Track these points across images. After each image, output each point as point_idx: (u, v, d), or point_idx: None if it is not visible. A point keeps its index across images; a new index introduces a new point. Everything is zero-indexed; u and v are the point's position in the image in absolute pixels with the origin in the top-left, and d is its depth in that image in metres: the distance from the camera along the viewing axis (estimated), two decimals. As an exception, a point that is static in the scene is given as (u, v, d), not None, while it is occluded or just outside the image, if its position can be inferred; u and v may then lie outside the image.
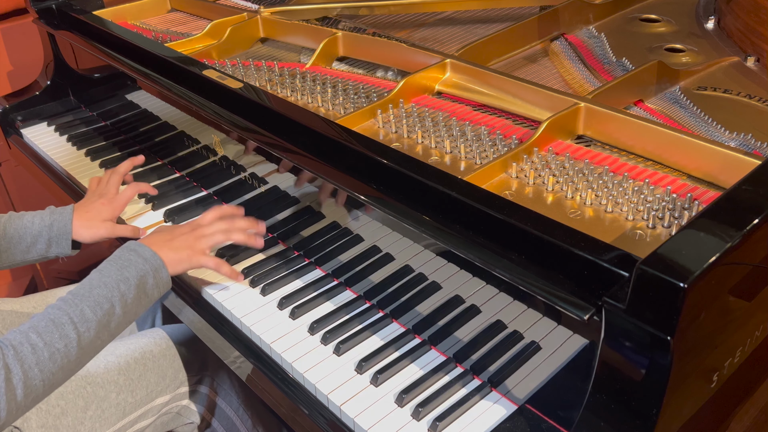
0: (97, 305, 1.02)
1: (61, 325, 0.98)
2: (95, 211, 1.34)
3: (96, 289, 1.04)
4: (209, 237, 1.19)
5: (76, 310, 1.01)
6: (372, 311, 1.15)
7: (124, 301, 1.05)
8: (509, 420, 0.95)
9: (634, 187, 1.02)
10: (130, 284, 1.07)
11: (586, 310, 0.82)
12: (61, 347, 0.97)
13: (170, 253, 1.14)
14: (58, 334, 0.98)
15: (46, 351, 0.96)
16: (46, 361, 0.96)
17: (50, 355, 0.96)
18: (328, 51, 1.51)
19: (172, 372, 1.32)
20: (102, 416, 1.21)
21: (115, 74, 1.70)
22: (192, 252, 1.16)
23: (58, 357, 0.97)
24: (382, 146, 1.10)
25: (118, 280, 1.06)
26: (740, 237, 0.77)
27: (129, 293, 1.06)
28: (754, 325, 0.92)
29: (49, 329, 0.98)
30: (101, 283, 1.05)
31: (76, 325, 0.99)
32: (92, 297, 1.03)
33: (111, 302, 1.04)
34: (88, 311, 1.01)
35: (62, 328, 0.98)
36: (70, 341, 0.98)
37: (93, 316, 1.01)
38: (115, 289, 1.05)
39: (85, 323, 1.00)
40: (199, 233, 1.19)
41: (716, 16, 1.49)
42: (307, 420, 1.05)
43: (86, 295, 1.03)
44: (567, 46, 1.44)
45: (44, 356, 0.95)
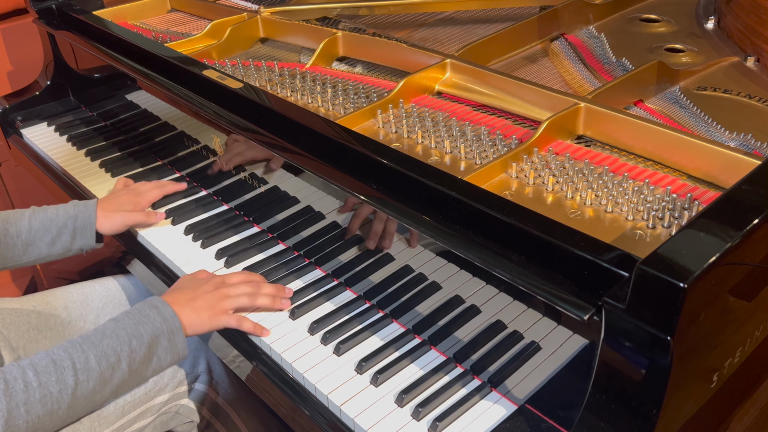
0: (103, 356, 0.99)
1: (61, 368, 0.95)
2: (118, 203, 1.37)
3: (107, 339, 1.00)
4: (234, 299, 1.14)
5: (81, 357, 0.97)
6: (372, 311, 1.15)
7: (132, 358, 1.01)
8: (509, 420, 0.95)
9: (634, 187, 1.02)
10: (143, 341, 1.03)
11: (586, 310, 0.82)
12: (55, 392, 0.94)
13: (192, 315, 1.10)
14: (55, 378, 0.94)
15: (38, 392, 0.92)
16: (35, 402, 0.92)
17: (41, 397, 0.93)
18: (328, 51, 1.51)
19: (171, 371, 1.31)
20: (101, 415, 1.21)
21: (115, 74, 1.70)
22: (214, 313, 1.12)
23: (48, 401, 0.93)
24: (382, 146, 1.10)
25: (132, 335, 1.02)
26: (740, 237, 0.77)
27: (140, 351, 1.02)
28: (754, 325, 0.92)
29: (48, 370, 0.94)
30: (114, 334, 1.01)
31: (77, 371, 0.96)
32: (101, 346, 0.99)
33: (118, 356, 1.00)
34: (93, 360, 0.98)
35: (61, 372, 0.95)
36: (66, 387, 0.95)
37: (97, 366, 0.98)
38: (126, 343, 1.01)
39: (86, 372, 0.97)
40: (223, 293, 1.14)
41: (716, 16, 1.49)
42: (307, 420, 1.05)
43: (95, 343, 1.00)
44: (567, 46, 1.44)
45: (35, 398, 0.92)
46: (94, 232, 1.33)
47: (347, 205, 1.17)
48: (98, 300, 1.44)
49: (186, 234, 1.38)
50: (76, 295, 1.43)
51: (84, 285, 1.47)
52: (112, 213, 1.35)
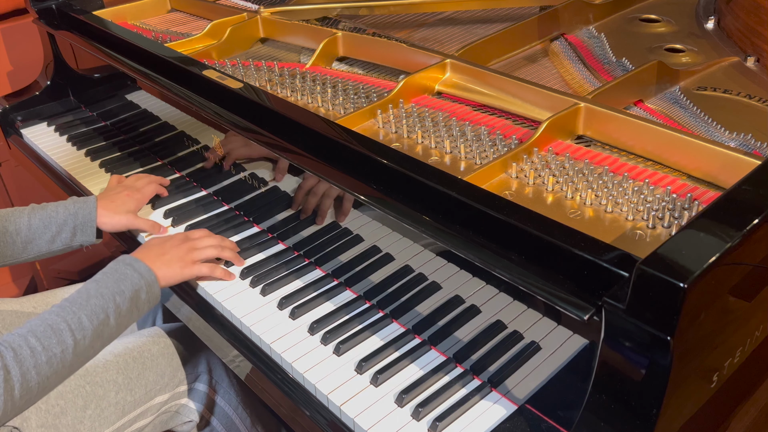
0: (94, 314, 1.05)
1: (59, 331, 1.01)
2: (120, 201, 1.39)
3: (93, 299, 1.06)
4: (201, 251, 1.23)
5: (74, 318, 1.03)
6: (372, 311, 1.15)
7: (118, 312, 1.08)
8: (509, 420, 0.95)
9: (634, 187, 1.02)
10: (125, 297, 1.09)
11: (586, 310, 0.82)
12: (58, 352, 1.00)
13: (163, 268, 1.17)
14: (56, 339, 1.00)
15: (44, 355, 0.98)
16: (43, 364, 0.98)
17: (47, 359, 0.98)
18: (328, 51, 1.51)
19: (171, 371, 1.32)
20: (101, 415, 1.21)
21: (115, 74, 1.70)
22: (184, 264, 1.20)
23: (54, 361, 0.99)
24: (382, 146, 1.10)
25: (114, 292, 1.09)
26: (740, 237, 0.77)
27: (123, 305, 1.09)
28: (754, 325, 0.92)
29: (48, 334, 1.00)
30: (98, 294, 1.07)
31: (73, 332, 1.02)
32: (89, 306, 1.05)
33: (106, 313, 1.06)
34: (85, 319, 1.04)
35: (60, 334, 1.01)
36: (67, 347, 1.01)
37: (89, 324, 1.04)
38: (111, 300, 1.07)
39: (81, 331, 1.03)
40: (190, 245, 1.23)
41: (716, 17, 1.49)
42: (306, 420, 1.05)
43: (83, 303, 1.05)
44: (567, 46, 1.44)
45: (42, 360, 0.98)
46: (95, 228, 1.34)
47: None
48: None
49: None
50: (76, 295, 1.44)
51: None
52: (115, 212, 1.36)
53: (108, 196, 1.39)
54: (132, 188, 1.42)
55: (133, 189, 1.42)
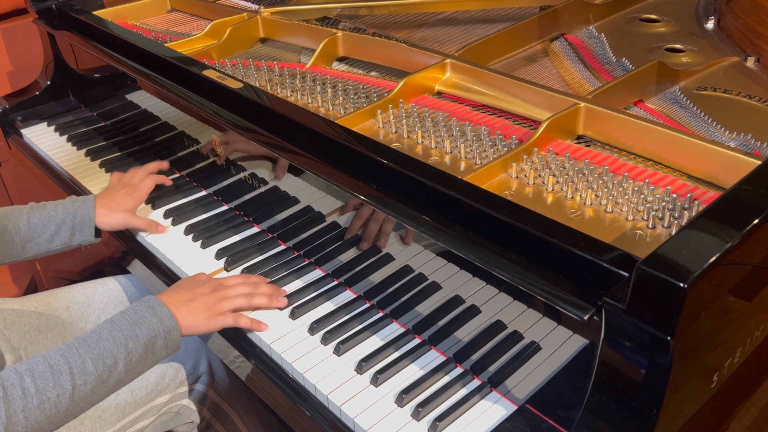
0: (100, 359, 0.99)
1: (58, 373, 0.95)
2: (118, 200, 1.37)
3: (103, 342, 1.00)
4: (231, 300, 1.14)
5: (78, 361, 0.97)
6: (372, 311, 1.15)
7: (129, 359, 1.02)
8: (509, 420, 0.95)
9: (634, 187, 1.02)
10: (139, 343, 1.03)
11: (586, 310, 0.82)
12: (53, 397, 0.94)
13: (188, 316, 1.10)
14: (52, 383, 0.94)
15: (36, 398, 0.92)
16: (33, 408, 0.92)
17: (39, 403, 0.93)
18: (328, 51, 1.51)
19: (172, 372, 1.32)
20: (102, 416, 1.21)
21: (115, 74, 1.70)
22: (210, 314, 1.12)
23: (46, 406, 0.93)
24: (382, 146, 1.10)
25: (128, 336, 1.02)
26: (740, 237, 0.77)
27: (136, 352, 1.02)
28: (754, 325, 0.92)
29: (45, 375, 0.94)
30: (110, 336, 1.01)
31: (74, 376, 0.96)
32: (97, 349, 0.99)
33: (115, 358, 1.00)
34: (90, 364, 0.98)
35: (59, 377, 0.95)
36: (64, 392, 0.95)
37: (93, 369, 0.98)
38: (123, 345, 1.01)
39: (83, 376, 0.97)
40: (221, 295, 1.14)
41: (716, 16, 1.49)
42: (307, 420, 1.05)
43: (92, 345, 0.99)
44: (567, 46, 1.44)
45: (33, 404, 0.92)
46: (93, 227, 1.34)
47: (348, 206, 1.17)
48: (99, 301, 1.44)
49: (186, 234, 1.38)
50: (77, 296, 1.44)
51: (85, 285, 1.47)
52: (113, 211, 1.36)
53: (107, 195, 1.39)
54: (130, 186, 1.41)
55: (130, 187, 1.41)
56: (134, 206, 1.39)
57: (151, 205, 1.47)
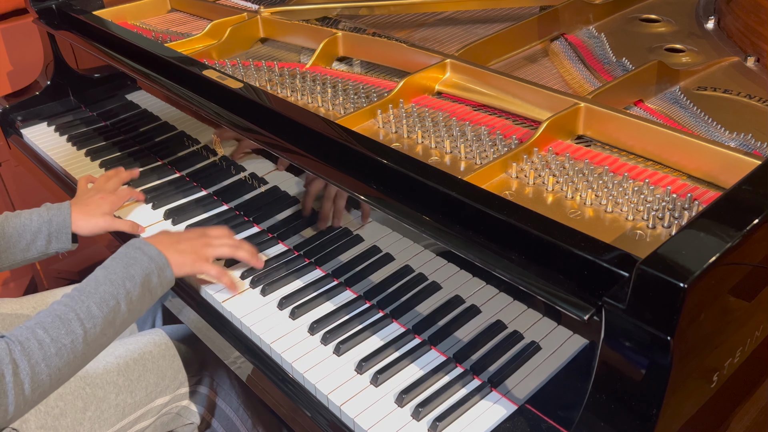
0: (103, 302, 1.03)
1: (67, 321, 0.99)
2: (94, 204, 1.37)
3: (102, 286, 1.04)
4: (216, 247, 1.20)
5: (83, 307, 1.01)
6: (372, 311, 1.15)
7: (129, 298, 1.06)
8: (509, 420, 0.95)
9: (634, 187, 1.02)
10: (136, 282, 1.07)
11: (586, 310, 0.82)
12: (68, 343, 0.98)
13: (175, 255, 1.14)
14: (64, 330, 0.98)
15: (53, 346, 0.96)
16: (52, 356, 0.96)
17: (57, 350, 0.97)
18: (328, 51, 1.51)
19: (172, 372, 1.31)
20: (101, 417, 1.21)
21: (115, 74, 1.70)
22: (197, 257, 1.17)
23: (64, 352, 0.97)
24: (382, 146, 1.10)
25: (124, 277, 1.06)
26: (740, 237, 0.77)
27: (134, 291, 1.07)
28: (754, 325, 0.92)
29: (56, 325, 0.98)
30: (107, 281, 1.05)
31: (82, 321, 1.00)
32: (98, 294, 1.03)
33: (117, 299, 1.04)
34: (95, 308, 1.02)
35: (69, 324, 0.99)
36: (77, 337, 0.99)
37: (99, 312, 1.02)
38: (121, 286, 1.05)
39: (91, 320, 1.01)
40: (206, 241, 1.20)
41: (716, 16, 1.49)
42: (307, 420, 1.05)
43: (92, 291, 1.04)
44: (567, 46, 1.44)
45: (51, 351, 0.96)
46: (70, 234, 1.33)
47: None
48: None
49: (186, 234, 1.38)
50: (76, 296, 1.43)
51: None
52: (91, 215, 1.35)
53: (81, 201, 1.38)
54: (104, 191, 1.41)
55: (105, 191, 1.41)
56: (111, 210, 1.39)
57: (152, 206, 1.47)
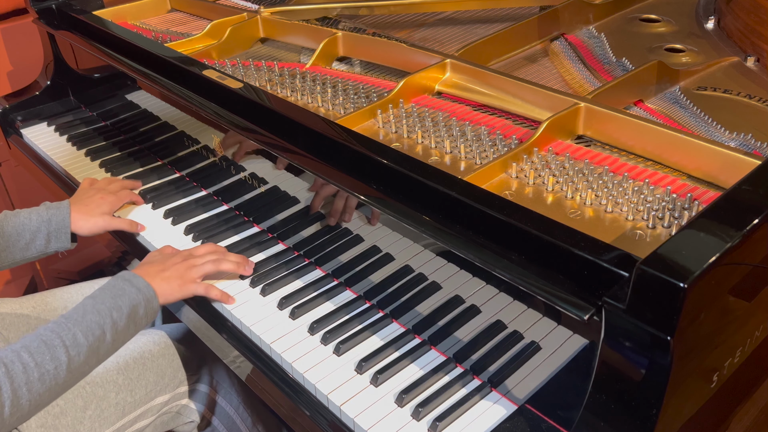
0: (89, 331, 1.03)
1: (53, 347, 0.99)
2: (94, 204, 1.37)
3: (89, 315, 1.04)
4: (200, 267, 1.20)
5: (69, 334, 1.01)
6: (372, 311, 1.15)
7: (115, 329, 1.06)
8: (509, 420, 0.95)
9: (634, 187, 1.02)
10: (122, 313, 1.07)
11: (586, 310, 0.82)
12: (51, 369, 0.97)
13: (162, 284, 1.15)
14: (49, 356, 0.98)
15: (36, 372, 0.96)
16: (35, 381, 0.95)
17: (40, 375, 0.96)
18: (328, 51, 1.51)
19: (172, 371, 1.32)
20: (101, 416, 1.21)
21: (115, 74, 1.70)
22: (183, 282, 1.18)
23: (47, 378, 0.97)
24: (382, 146, 1.10)
25: (111, 308, 1.07)
26: (740, 237, 0.77)
27: (120, 322, 1.07)
28: (754, 325, 0.92)
29: (41, 350, 0.98)
30: (94, 310, 1.05)
31: (67, 348, 1.00)
32: (85, 322, 1.03)
33: (102, 329, 1.04)
34: (80, 336, 1.02)
35: (54, 351, 0.98)
36: (60, 364, 0.98)
37: (84, 341, 1.02)
38: (108, 316, 1.06)
39: (76, 347, 1.01)
40: (190, 263, 1.20)
41: (716, 16, 1.49)
42: (307, 420, 1.05)
43: (79, 320, 1.03)
44: (567, 46, 1.44)
45: (34, 377, 0.95)
46: (69, 234, 1.34)
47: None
48: (98, 300, 1.44)
49: (186, 234, 1.38)
50: (75, 296, 1.43)
51: (84, 286, 1.47)
52: (90, 215, 1.36)
53: (81, 200, 1.38)
54: (105, 191, 1.42)
55: (106, 192, 1.41)
56: (110, 210, 1.39)
57: (152, 205, 1.48)
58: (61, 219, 1.32)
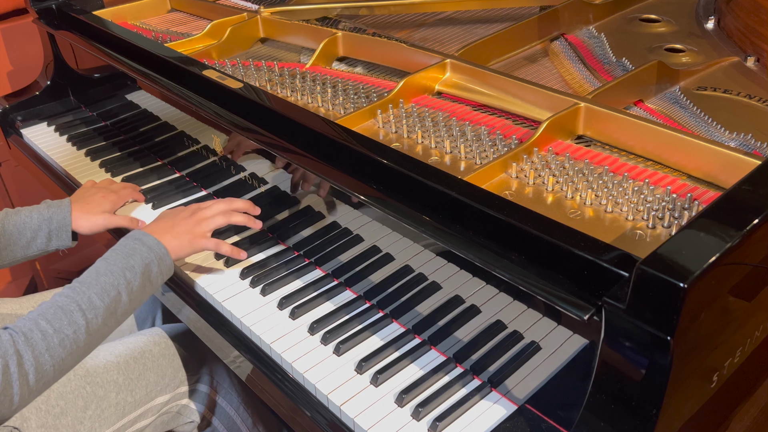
0: (104, 292, 1.04)
1: (69, 312, 1.00)
2: (95, 203, 1.38)
3: (103, 277, 1.05)
4: (210, 220, 1.22)
5: (84, 297, 1.02)
6: (372, 311, 1.15)
7: (130, 288, 1.07)
8: (509, 420, 0.95)
9: (634, 187, 1.02)
10: (136, 272, 1.08)
11: (586, 310, 0.82)
12: (70, 333, 0.99)
13: (173, 240, 1.17)
14: (67, 321, 0.99)
15: (56, 337, 0.97)
16: (56, 347, 0.97)
17: (60, 341, 0.97)
18: (328, 51, 1.51)
19: (172, 371, 1.32)
20: (101, 416, 1.21)
21: (115, 74, 1.70)
22: (193, 236, 1.19)
23: (67, 343, 0.98)
24: (382, 146, 1.10)
25: (124, 268, 1.08)
26: (740, 237, 0.77)
27: (135, 281, 1.08)
28: (754, 325, 0.92)
29: (58, 316, 0.99)
30: (107, 271, 1.06)
31: (84, 311, 1.01)
32: (99, 284, 1.04)
33: (117, 289, 1.05)
34: (96, 298, 1.03)
35: (71, 315, 1.00)
36: (79, 327, 1.00)
37: (100, 303, 1.03)
38: (121, 276, 1.06)
39: (93, 310, 1.02)
40: (199, 216, 1.22)
41: (716, 16, 1.49)
42: (307, 420, 1.05)
43: (93, 282, 1.04)
44: (567, 46, 1.44)
45: (54, 342, 0.97)
46: (70, 232, 1.34)
47: None
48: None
49: (186, 234, 1.38)
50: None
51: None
52: (91, 213, 1.36)
53: (82, 198, 1.38)
54: (106, 190, 1.42)
55: (107, 190, 1.42)
56: (111, 209, 1.39)
57: (152, 205, 1.48)
58: (62, 217, 1.32)
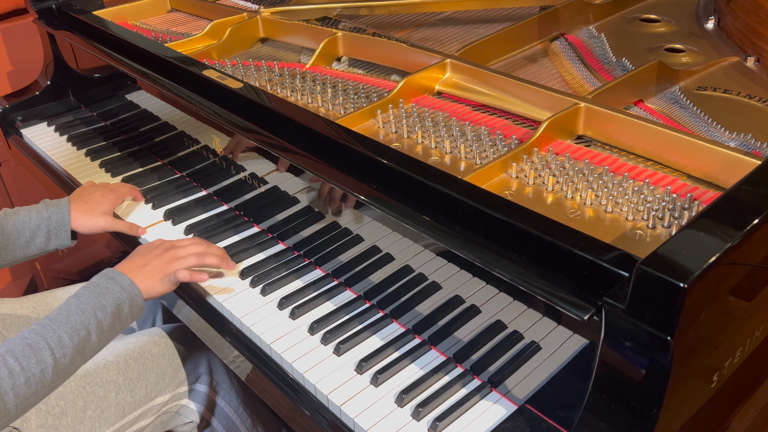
0: (74, 332, 1.02)
1: (38, 350, 0.98)
2: (95, 202, 1.37)
3: (74, 316, 1.04)
4: (183, 260, 1.18)
5: (54, 336, 1.00)
6: (372, 311, 1.15)
7: (100, 328, 1.05)
8: (509, 420, 0.95)
9: (634, 187, 1.02)
10: (107, 312, 1.07)
11: (586, 310, 0.82)
12: (37, 372, 0.97)
13: (145, 280, 1.14)
14: (35, 359, 0.97)
15: (22, 376, 0.95)
16: (21, 386, 0.95)
17: (26, 380, 0.96)
18: (328, 51, 1.51)
19: (172, 371, 1.32)
20: (101, 416, 1.21)
21: (115, 74, 1.70)
22: (164, 275, 1.16)
23: (33, 382, 0.96)
24: (382, 146, 1.10)
25: (96, 307, 1.06)
26: (740, 237, 0.77)
27: (105, 321, 1.06)
28: (754, 325, 0.92)
29: (27, 354, 0.97)
30: (79, 310, 1.04)
31: (53, 350, 0.99)
32: (70, 323, 1.02)
33: (87, 329, 1.04)
34: (65, 337, 1.01)
35: (39, 354, 0.98)
36: (46, 367, 0.98)
37: (70, 342, 1.01)
38: (92, 316, 1.05)
39: (61, 349, 1.00)
40: (172, 255, 1.18)
41: (716, 16, 1.49)
42: (307, 420, 1.05)
43: (64, 321, 1.02)
44: (567, 46, 1.44)
45: (20, 381, 0.95)
46: (69, 231, 1.33)
47: None
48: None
49: (186, 234, 1.38)
50: (75, 296, 1.43)
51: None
52: (90, 212, 1.35)
53: (81, 197, 1.38)
54: (106, 188, 1.41)
55: (106, 189, 1.41)
56: (111, 209, 1.39)
57: (152, 205, 1.48)
58: (61, 217, 1.32)
